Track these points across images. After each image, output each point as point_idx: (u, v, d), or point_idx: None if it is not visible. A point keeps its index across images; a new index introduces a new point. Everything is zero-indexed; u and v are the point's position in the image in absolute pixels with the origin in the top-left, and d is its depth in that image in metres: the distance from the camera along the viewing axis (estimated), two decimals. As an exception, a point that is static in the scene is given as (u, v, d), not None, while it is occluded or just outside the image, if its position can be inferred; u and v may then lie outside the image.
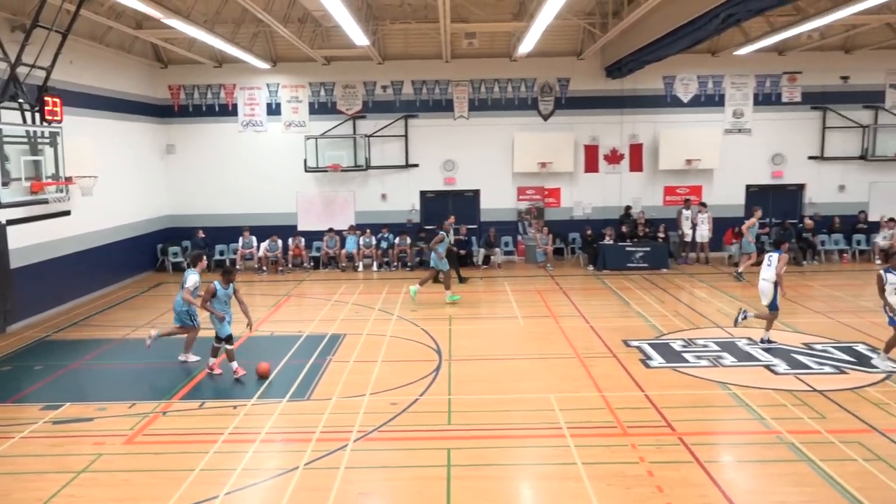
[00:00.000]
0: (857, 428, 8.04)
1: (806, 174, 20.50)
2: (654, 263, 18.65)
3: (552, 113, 20.33)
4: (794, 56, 19.75)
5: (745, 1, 10.48)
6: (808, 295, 15.37)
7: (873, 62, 19.89)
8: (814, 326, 12.65)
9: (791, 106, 20.23)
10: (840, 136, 20.25)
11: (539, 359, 11.00)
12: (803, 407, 8.70)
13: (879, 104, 20.17)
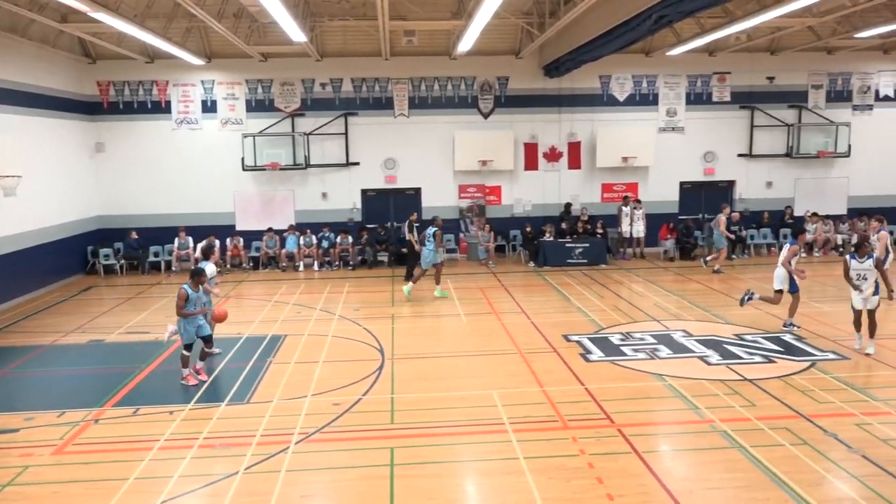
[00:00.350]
0: (785, 414, 8.38)
1: (736, 171, 21.26)
2: (593, 259, 19.01)
3: (492, 111, 20.50)
4: (724, 57, 20.44)
5: (675, 3, 10.80)
6: (739, 287, 15.90)
7: (797, 63, 20.76)
8: (744, 318, 13.13)
9: (721, 105, 20.93)
10: (767, 135, 21.07)
11: (481, 356, 11.08)
12: (735, 396, 9.02)
13: (803, 104, 21.06)
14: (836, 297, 14.91)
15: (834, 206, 21.21)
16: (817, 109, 21.10)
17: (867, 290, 10.72)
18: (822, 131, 20.96)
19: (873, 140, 21.19)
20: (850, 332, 11.72)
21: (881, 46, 20.52)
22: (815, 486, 6.63)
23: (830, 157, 21.00)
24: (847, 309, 13.54)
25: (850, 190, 21.40)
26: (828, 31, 18.24)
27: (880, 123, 21.35)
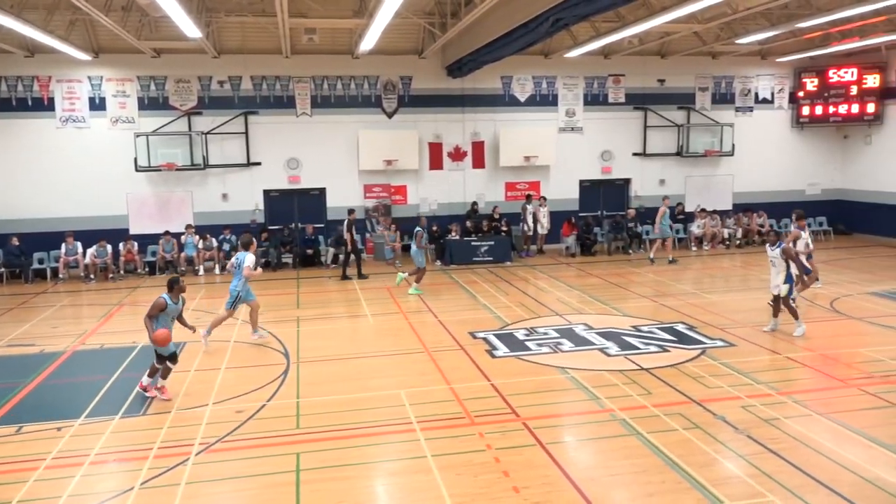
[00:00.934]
0: (678, 400, 8.81)
1: (631, 169, 22.16)
2: (498, 257, 19.34)
3: (396, 111, 20.47)
4: (618, 60, 21.26)
5: (570, 6, 11.13)
6: (635, 281, 16.61)
7: (685, 67, 21.87)
8: (641, 310, 13.71)
9: (616, 106, 21.77)
10: (659, 135, 22.08)
11: (389, 355, 11.05)
12: (632, 385, 9.40)
13: (691, 105, 22.22)
14: (725, 288, 15.81)
15: (720, 202, 22.49)
16: (704, 111, 22.30)
17: (778, 277, 11.50)
18: (709, 131, 22.17)
19: (754, 140, 22.61)
20: (737, 320, 12.50)
21: (759, 52, 21.92)
22: (706, 467, 7.01)
23: (716, 155, 22.24)
24: (731, 299, 14.44)
25: (734, 186, 22.74)
26: (712, 36, 19.30)
27: (760, 124, 22.82)
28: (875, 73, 21.75)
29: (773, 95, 22.92)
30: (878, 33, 18.31)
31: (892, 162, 21.58)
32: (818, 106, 22.52)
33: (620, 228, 20.77)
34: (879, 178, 21.99)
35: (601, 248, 20.89)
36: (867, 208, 22.38)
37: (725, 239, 21.47)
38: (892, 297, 14.28)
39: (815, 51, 20.75)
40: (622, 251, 20.67)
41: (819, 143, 23.37)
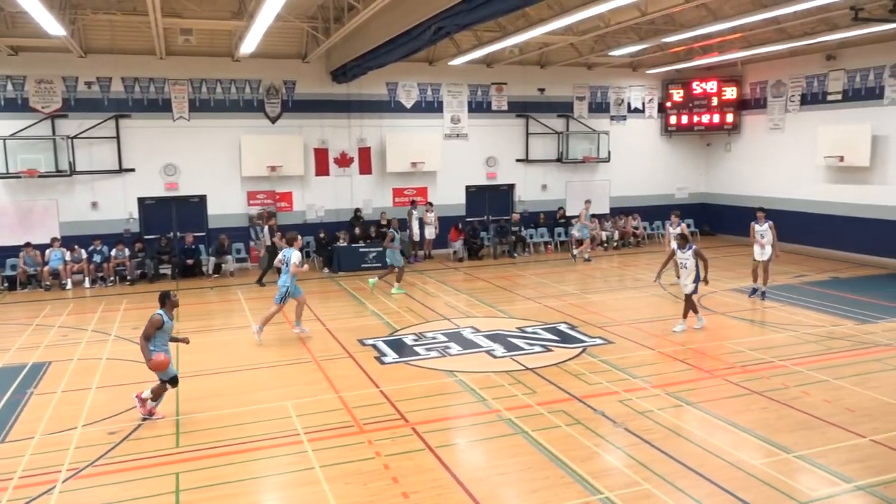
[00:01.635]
0: (561, 398, 9.14)
1: (515, 175, 22.78)
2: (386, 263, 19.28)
3: (280, 115, 20.02)
4: (500, 68, 21.81)
5: (452, 16, 11.33)
6: (521, 283, 17.08)
7: (563, 77, 22.76)
8: (526, 312, 14.11)
9: (500, 113, 22.33)
10: (541, 141, 22.84)
11: (275, 367, 10.78)
12: (518, 385, 9.66)
13: (569, 113, 23.15)
14: (604, 288, 16.56)
15: (599, 206, 23.53)
16: (582, 119, 23.30)
17: (687, 278, 12.18)
18: (587, 139, 23.16)
19: (627, 147, 23.85)
20: (615, 318, 13.13)
21: (631, 64, 23.17)
22: (587, 461, 7.31)
23: (594, 161, 23.27)
24: (610, 299, 15.13)
25: (611, 191, 23.89)
26: (587, 48, 20.21)
27: (632, 132, 24.11)
28: (733, 86, 23.53)
29: (644, 105, 24.29)
30: (735, 49, 19.84)
31: (748, 168, 23.41)
32: (684, 115, 24.08)
33: (506, 233, 21.31)
34: (738, 182, 23.80)
35: (487, 252, 21.33)
36: (729, 210, 24.16)
37: (604, 241, 22.50)
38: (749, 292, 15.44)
39: (680, 64, 22.18)
40: (508, 255, 21.19)
41: (685, 150, 24.99)
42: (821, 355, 10.84)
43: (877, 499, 6.48)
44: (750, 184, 23.24)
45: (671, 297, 15.16)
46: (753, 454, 7.43)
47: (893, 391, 9.21)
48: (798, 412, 8.53)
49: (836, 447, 7.55)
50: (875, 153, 18.71)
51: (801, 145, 20.97)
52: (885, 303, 14.41)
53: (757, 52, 19.65)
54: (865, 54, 19.12)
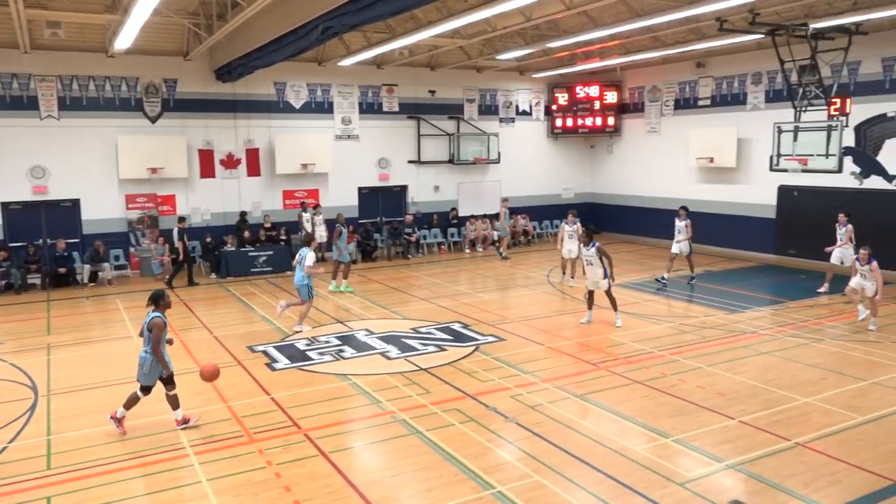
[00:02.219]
0: (455, 396, 9.25)
1: (407, 176, 22.85)
2: (278, 267, 18.86)
3: (160, 115, 19.10)
4: (391, 70, 21.81)
5: (339, 16, 11.20)
6: (415, 284, 17.14)
7: (453, 79, 23.06)
8: (420, 312, 14.18)
9: (391, 115, 22.32)
10: (432, 143, 23.03)
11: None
12: (412, 385, 9.68)
13: (460, 115, 23.48)
14: (496, 286, 16.89)
15: (490, 207, 24.01)
16: (472, 121, 23.69)
17: (596, 274, 12.53)
18: (477, 140, 23.56)
19: (517, 148, 24.48)
20: (506, 316, 13.44)
21: (518, 68, 23.78)
22: (480, 457, 7.43)
23: (485, 163, 23.71)
24: (501, 297, 15.46)
25: (502, 191, 24.40)
26: (476, 51, 20.58)
27: (521, 134, 24.77)
28: (613, 91, 24.66)
29: (532, 108, 25.01)
30: (615, 55, 20.79)
31: (629, 169, 24.60)
32: (569, 118, 24.98)
33: (399, 234, 21.33)
34: (620, 182, 24.97)
35: (381, 253, 21.27)
36: (612, 210, 25.29)
37: (495, 241, 22.95)
38: (633, 287, 16.24)
39: (564, 69, 23.00)
40: (401, 256, 21.22)
41: (571, 152, 25.94)
42: (695, 344, 11.55)
43: (744, 475, 6.97)
44: (631, 184, 24.44)
45: (559, 294, 15.69)
46: (636, 440, 7.80)
47: (758, 375, 9.95)
48: (675, 399, 9.05)
49: (709, 430, 8.06)
50: (741, 155, 20.15)
51: (676, 147, 22.27)
52: (751, 293, 15.54)
53: (634, 58, 20.67)
54: (731, 63, 20.55)
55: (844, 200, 17.40)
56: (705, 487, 6.71)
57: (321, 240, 20.31)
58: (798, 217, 18.85)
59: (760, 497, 6.53)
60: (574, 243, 15.65)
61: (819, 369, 10.19)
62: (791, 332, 12.24)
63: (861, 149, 17.39)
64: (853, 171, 17.46)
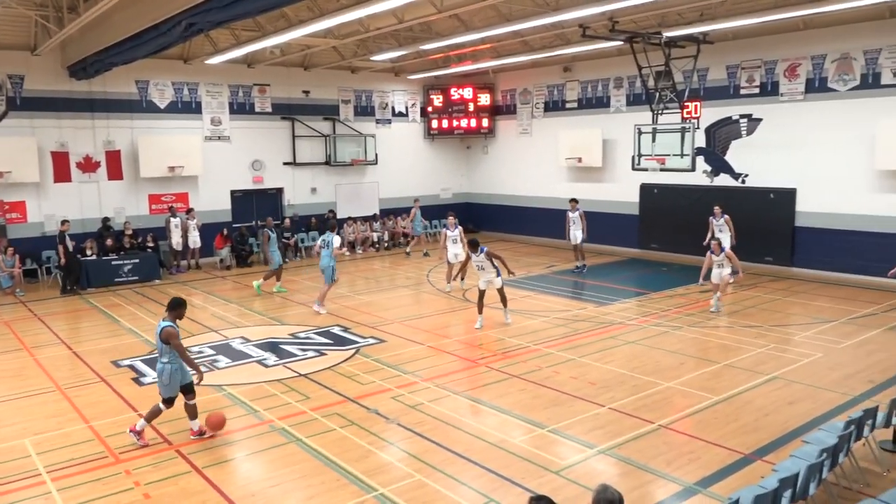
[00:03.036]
0: (335, 401, 9.14)
1: (283, 179, 22.32)
2: (145, 275, 17.86)
3: (5, 115, 17.50)
4: (262, 69, 21.21)
5: (204, 11, 10.75)
6: (293, 288, 16.77)
7: (328, 80, 22.77)
8: (298, 317, 13.90)
9: (264, 115, 21.70)
10: (308, 144, 22.63)
11: (9, 401, 9.44)
12: (291, 392, 9.47)
13: (336, 116, 23.22)
14: (376, 288, 16.84)
15: (368, 208, 23.94)
16: (348, 122, 23.50)
17: (489, 276, 12.59)
18: (354, 141, 23.41)
19: (394, 149, 24.54)
20: (386, 317, 13.46)
21: (393, 69, 23.84)
22: (361, 460, 7.38)
23: (362, 164, 23.60)
24: (381, 298, 15.45)
25: (380, 193, 24.40)
26: (350, 52, 20.42)
27: (398, 135, 24.86)
28: (487, 93, 25.27)
29: (408, 109, 25.15)
30: (486, 59, 21.32)
31: (504, 169, 25.31)
32: (444, 120, 25.35)
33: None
34: (496, 182, 25.64)
35: (257, 258, 20.66)
36: (490, 209, 25.92)
37: (375, 242, 22.91)
38: (509, 284, 16.63)
39: (438, 71, 23.30)
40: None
41: (448, 153, 26.33)
42: (568, 337, 12.05)
43: (614, 459, 7.35)
44: (506, 183, 25.16)
45: (441, 294, 15.89)
46: (514, 433, 8.04)
47: (625, 363, 10.53)
48: (550, 390, 9.40)
49: (582, 418, 8.43)
50: (606, 155, 21.25)
51: (547, 148, 23.15)
52: (618, 286, 16.43)
53: (505, 62, 21.30)
54: (595, 68, 21.63)
55: (697, 197, 18.82)
56: (579, 473, 7.01)
57: (194, 245, 19.47)
58: (658, 213, 20.16)
59: (628, 478, 6.91)
60: (458, 247, 15.86)
61: (679, 355, 10.93)
62: (654, 321, 13.05)
63: (711, 149, 18.84)
64: (705, 170, 18.89)
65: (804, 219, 17.27)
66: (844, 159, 16.37)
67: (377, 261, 20.96)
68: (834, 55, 16.43)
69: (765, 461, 7.11)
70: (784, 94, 17.36)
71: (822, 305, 14.04)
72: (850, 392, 9.16)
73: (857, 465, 6.87)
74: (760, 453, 7.37)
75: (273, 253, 16.27)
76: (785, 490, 5.39)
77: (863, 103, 15.99)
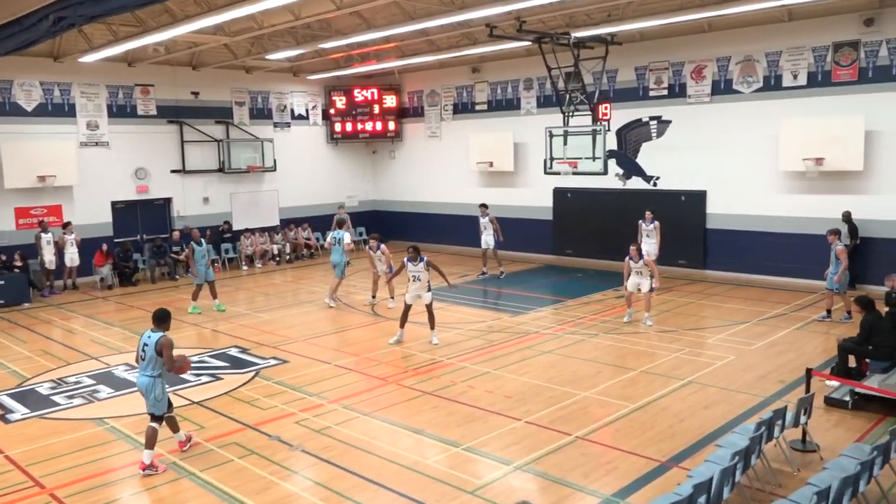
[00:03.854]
0: (233, 429, 8.88)
1: (171, 188, 21.56)
2: (12, 299, 16.80)
3: None
4: (145, 68, 20.42)
5: (74, 5, 10.25)
6: (185, 308, 16.16)
7: (219, 80, 22.19)
8: (192, 339, 13.44)
9: (148, 119, 20.90)
10: (199, 150, 21.96)
11: None
12: (183, 422, 9.07)
13: (229, 120, 22.66)
14: (278, 304, 16.50)
15: (268, 218, 23.45)
16: (243, 126, 22.97)
17: (421, 290, 12.45)
18: (250, 146, 22.89)
19: (294, 155, 24.16)
20: (289, 336, 13.23)
21: (291, 69, 23.51)
22: (262, 492, 7.20)
23: (260, 171, 23.11)
24: (284, 315, 15.19)
25: (280, 202, 23.96)
26: (243, 50, 19.99)
27: (298, 140, 24.51)
28: (392, 95, 25.33)
29: (308, 112, 24.86)
30: (392, 58, 21.37)
31: (412, 175, 25.42)
32: (348, 123, 25.19)
33: (164, 252, 20.02)
34: (404, 189, 25.71)
35: (143, 275, 19.86)
36: (398, 217, 25.93)
37: (276, 255, 22.46)
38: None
39: (340, 71, 23.16)
40: (168, 277, 19.96)
41: (352, 158, 26.19)
42: (483, 349, 12.19)
43: (532, 475, 7.48)
44: (414, 190, 25.27)
45: (347, 308, 15.76)
46: (427, 453, 8.04)
47: (541, 374, 10.75)
48: (465, 406, 9.47)
49: (498, 433, 8.54)
50: (518, 158, 21.71)
51: (457, 152, 23.41)
52: (533, 294, 16.79)
53: (411, 62, 21.42)
54: (504, 69, 22.08)
55: (611, 200, 19.52)
56: (495, 492, 7.09)
57: (72, 264, 18.48)
58: (573, 218, 20.76)
59: (546, 494, 7.04)
60: (382, 264, 15.63)
61: (595, 363, 11.26)
62: (570, 329, 13.40)
63: (623, 152, 19.59)
64: (617, 173, 19.61)
65: (715, 221, 18.21)
66: (750, 161, 17.38)
67: (278, 275, 20.57)
68: (738, 57, 17.45)
69: (681, 468, 7.41)
70: (691, 95, 18.28)
71: (735, 307, 14.82)
72: (763, 393, 9.69)
73: (769, 467, 7.27)
74: (677, 460, 7.68)
75: (198, 267, 15.57)
76: (699, 496, 5.64)
77: (766, 105, 17.05)
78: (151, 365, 7.78)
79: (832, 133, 15.65)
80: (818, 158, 15.77)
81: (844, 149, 15.52)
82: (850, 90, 15.90)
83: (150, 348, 7.77)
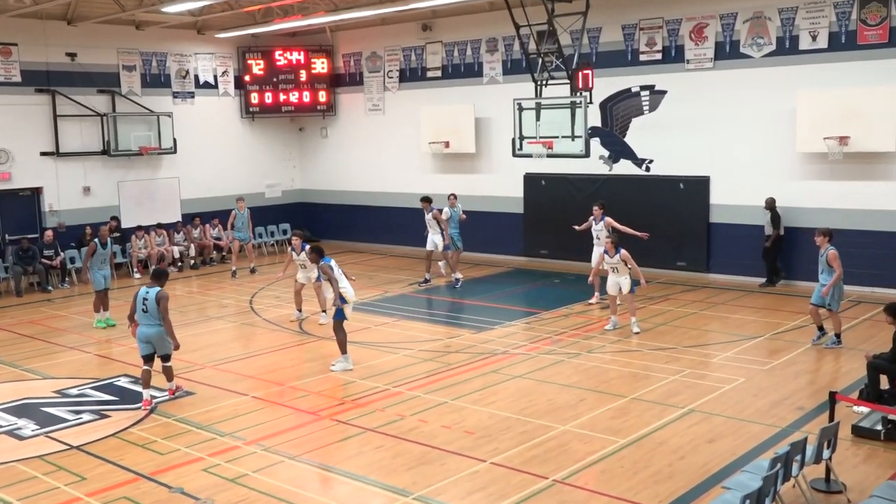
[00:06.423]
0: (123, 480, 8.75)
1: (42, 175, 21.15)
2: None
3: None
4: (5, 23, 19.98)
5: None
6: (60, 328, 15.89)
7: (103, 39, 21.86)
8: (70, 367, 13.26)
9: (9, 87, 20.47)
10: (77, 127, 21.62)
11: None
12: (59, 472, 8.97)
13: (116, 89, 22.33)
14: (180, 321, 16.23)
15: (166, 213, 23.11)
16: (134, 96, 22.66)
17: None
18: (144, 122, 22.62)
19: (200, 133, 23.95)
20: (195, 361, 13.10)
21: (195, 25, 23.30)
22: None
23: (156, 153, 22.80)
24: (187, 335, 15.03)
25: (182, 192, 23.69)
26: (132, 2, 19.73)
27: (204, 113, 24.31)
28: (323, 58, 25.30)
29: (217, 79, 24.66)
30: (321, 12, 21.32)
31: (349, 158, 25.41)
32: (268, 93, 25.07)
33: (33, 258, 19.61)
34: (340, 176, 25.68)
35: (6, 286, 19.43)
36: (331, 210, 25.89)
37: (177, 259, 22.16)
38: (360, 308, 16.66)
39: (256, 28, 23.03)
40: (39, 288, 19.57)
41: (274, 137, 26.09)
42: (438, 374, 12.25)
43: (499, 529, 7.54)
44: (353, 177, 25.28)
45: (268, 326, 15.66)
46: (370, 505, 8.05)
47: (511, 404, 10.84)
48: (416, 445, 9.50)
49: (457, 478, 8.58)
50: (480, 137, 21.87)
51: (405, 130, 23.51)
52: (500, 305, 16.93)
53: (345, 17, 21.43)
54: (461, 26, 22.24)
55: (595, 188, 19.75)
56: (454, 551, 7.13)
57: None
58: (548, 211, 20.92)
59: (517, 552, 7.10)
60: (313, 270, 15.55)
61: (577, 389, 11.40)
62: (546, 347, 13.54)
63: (608, 129, 19.86)
64: (602, 155, 19.90)
65: (719, 213, 18.63)
66: (762, 141, 17.80)
67: (180, 284, 20.32)
68: (746, 14, 17.86)
69: (681, 515, 7.56)
70: (690, 60, 18.66)
71: (744, 318, 15.16)
72: (778, 423, 9.93)
73: (786, 512, 7.45)
74: (676, 506, 7.83)
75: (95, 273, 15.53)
76: (704, 549, 5.75)
77: (780, 72, 17.46)
78: (155, 316, 10.92)
79: (859, 106, 16.10)
80: (842, 137, 16.23)
81: (873, 126, 15.97)
82: (879, 54, 16.40)
83: (151, 301, 10.89)
